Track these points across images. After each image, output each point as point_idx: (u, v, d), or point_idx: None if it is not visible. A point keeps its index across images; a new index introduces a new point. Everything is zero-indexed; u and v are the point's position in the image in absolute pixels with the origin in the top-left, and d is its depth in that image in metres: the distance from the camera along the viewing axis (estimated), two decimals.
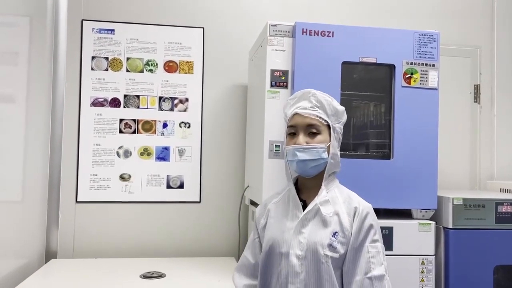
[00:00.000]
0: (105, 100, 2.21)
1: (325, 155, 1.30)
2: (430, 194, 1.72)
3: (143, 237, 2.21)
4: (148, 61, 2.25)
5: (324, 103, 1.32)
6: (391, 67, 1.75)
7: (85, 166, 2.18)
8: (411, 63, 1.75)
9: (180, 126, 2.27)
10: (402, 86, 1.74)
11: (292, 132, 1.34)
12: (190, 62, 2.29)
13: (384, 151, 1.78)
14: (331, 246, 1.23)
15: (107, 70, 2.22)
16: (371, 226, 1.26)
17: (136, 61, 2.24)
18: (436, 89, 1.75)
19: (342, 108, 1.36)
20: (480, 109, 2.49)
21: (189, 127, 2.27)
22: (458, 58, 2.49)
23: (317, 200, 1.29)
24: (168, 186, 2.24)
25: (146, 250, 2.20)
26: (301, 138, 1.30)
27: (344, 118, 1.37)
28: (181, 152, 2.25)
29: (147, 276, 1.79)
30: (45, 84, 2.09)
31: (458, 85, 2.48)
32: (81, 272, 1.86)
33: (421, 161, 1.71)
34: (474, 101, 2.49)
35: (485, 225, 1.72)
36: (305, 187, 1.37)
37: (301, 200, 1.33)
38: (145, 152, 2.23)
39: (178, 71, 2.28)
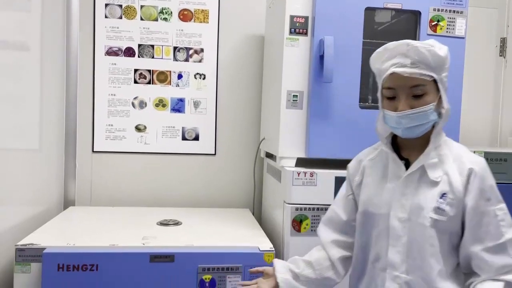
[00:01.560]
0: (119, 49, 2.17)
1: (433, 116, 1.12)
2: None
3: (158, 188, 2.23)
4: (162, 9, 2.19)
5: (427, 55, 1.09)
6: (417, 14, 1.67)
7: (101, 116, 2.18)
8: (438, 10, 1.67)
9: (195, 78, 2.23)
10: (428, 34, 1.66)
11: (391, 96, 1.14)
12: (206, 10, 2.22)
13: None
14: (438, 209, 1.11)
15: (121, 18, 2.16)
16: (491, 187, 1.12)
17: (150, 9, 2.18)
18: (463, 37, 1.68)
19: (445, 51, 1.12)
20: (505, 64, 2.40)
21: (204, 78, 2.24)
22: (485, 9, 2.38)
23: (423, 161, 1.14)
24: (183, 138, 2.24)
25: (162, 201, 2.22)
26: (404, 102, 1.11)
27: (448, 61, 1.14)
28: (196, 104, 2.23)
29: (163, 223, 1.82)
30: (58, 32, 2.06)
31: (483, 38, 2.38)
32: (99, 217, 1.90)
33: None
34: (500, 55, 2.40)
35: (507, 179, 1.69)
36: (407, 144, 1.20)
37: (402, 158, 1.19)
38: (160, 104, 2.21)
39: (193, 20, 2.21)
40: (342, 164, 1.97)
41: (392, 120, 1.14)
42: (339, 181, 1.59)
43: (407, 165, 1.18)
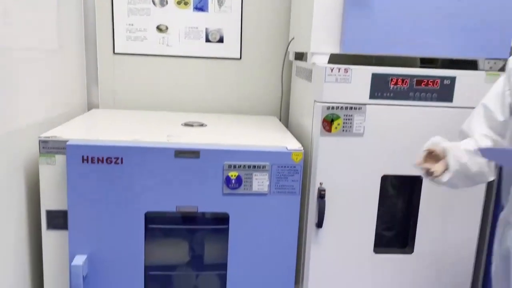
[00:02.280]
0: None
1: None
2: (502, 41, 1.52)
3: (182, 93, 2.16)
4: None
5: None
6: None
7: (120, 15, 2.05)
8: None
9: None
10: None
11: None
12: None
13: None
14: None
15: None
16: None
17: None
18: None
19: None
20: None
21: None
22: None
23: None
24: (207, 40, 2.11)
25: (185, 106, 2.16)
26: None
27: None
28: (220, 2, 2.07)
29: (188, 124, 1.76)
30: None
31: None
32: (123, 118, 1.86)
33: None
34: None
35: None
36: None
37: None
38: (182, 1, 2.06)
39: None
40: (380, 61, 1.82)
41: None
42: (376, 79, 1.47)
43: None
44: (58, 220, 1.46)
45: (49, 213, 1.45)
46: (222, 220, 1.57)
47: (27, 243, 1.52)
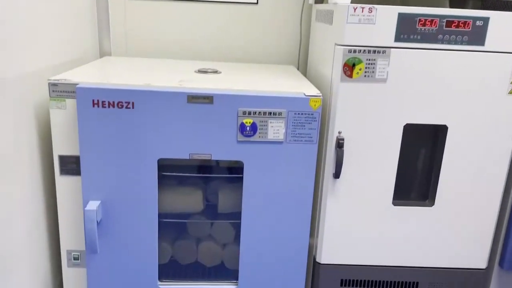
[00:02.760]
0: None
1: None
2: None
3: (196, 41, 2.08)
4: None
5: None
6: None
7: None
8: None
9: None
10: None
11: None
12: None
13: None
14: None
15: None
16: None
17: None
18: None
19: None
20: None
21: None
22: None
23: None
24: None
25: (199, 54, 2.09)
26: None
27: None
28: None
29: (202, 71, 1.70)
30: None
31: None
32: (135, 64, 1.80)
33: None
34: None
35: None
36: None
37: None
38: None
39: None
40: (404, 2, 1.69)
41: None
42: (403, 19, 1.36)
43: None
44: (71, 165, 1.44)
45: (62, 158, 1.44)
46: (236, 169, 1.53)
47: (42, 189, 1.51)
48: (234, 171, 1.63)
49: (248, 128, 1.39)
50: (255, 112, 1.38)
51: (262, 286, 1.56)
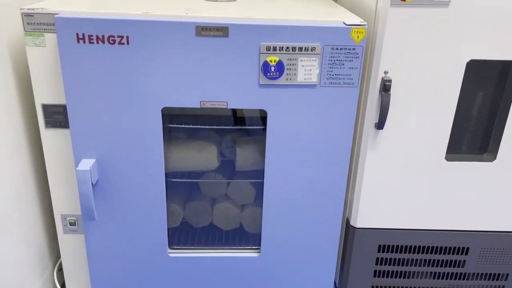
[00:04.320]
0: None
1: None
2: None
3: None
4: None
5: None
6: None
7: None
8: None
9: None
10: None
11: None
12: None
13: None
14: None
15: None
16: None
17: None
18: None
19: None
20: None
21: None
22: None
23: None
24: None
25: None
26: None
27: None
28: None
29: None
30: None
31: None
32: None
33: None
34: None
35: None
36: None
37: None
38: None
39: None
40: None
41: None
42: None
43: None
44: (57, 116, 1.19)
45: (46, 108, 1.18)
46: (258, 119, 1.28)
47: (26, 145, 1.28)
48: (256, 121, 1.37)
49: (273, 68, 1.11)
50: (282, 48, 1.09)
51: (287, 254, 1.34)
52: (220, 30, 1.08)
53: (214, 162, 1.37)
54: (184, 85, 1.12)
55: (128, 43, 1.07)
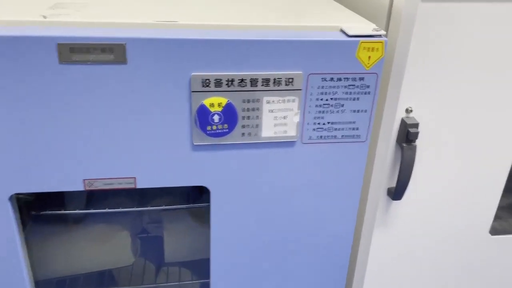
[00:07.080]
0: None
1: None
2: None
3: None
4: None
5: None
6: None
7: None
8: None
9: None
10: None
11: None
12: None
13: None
14: None
15: None
16: None
17: None
18: None
19: None
20: None
21: None
22: None
23: None
24: None
25: None
26: None
27: None
28: None
29: None
30: None
31: None
32: None
33: None
34: None
35: None
36: None
37: None
38: None
39: None
40: None
41: None
42: None
43: None
44: None
45: None
46: (196, 191, 0.77)
47: None
48: (192, 195, 0.85)
49: (216, 118, 0.60)
50: (232, 81, 0.58)
51: None
52: (109, 51, 0.54)
53: (128, 256, 0.84)
54: (47, 152, 0.58)
55: None
